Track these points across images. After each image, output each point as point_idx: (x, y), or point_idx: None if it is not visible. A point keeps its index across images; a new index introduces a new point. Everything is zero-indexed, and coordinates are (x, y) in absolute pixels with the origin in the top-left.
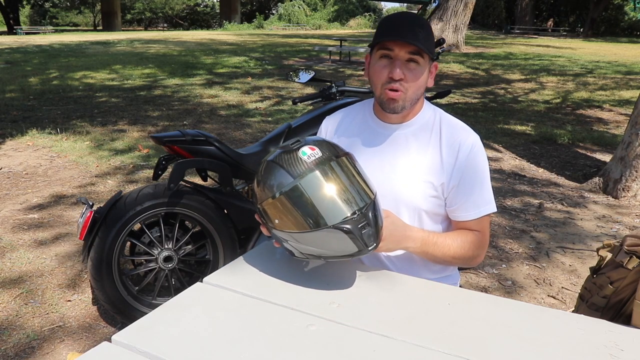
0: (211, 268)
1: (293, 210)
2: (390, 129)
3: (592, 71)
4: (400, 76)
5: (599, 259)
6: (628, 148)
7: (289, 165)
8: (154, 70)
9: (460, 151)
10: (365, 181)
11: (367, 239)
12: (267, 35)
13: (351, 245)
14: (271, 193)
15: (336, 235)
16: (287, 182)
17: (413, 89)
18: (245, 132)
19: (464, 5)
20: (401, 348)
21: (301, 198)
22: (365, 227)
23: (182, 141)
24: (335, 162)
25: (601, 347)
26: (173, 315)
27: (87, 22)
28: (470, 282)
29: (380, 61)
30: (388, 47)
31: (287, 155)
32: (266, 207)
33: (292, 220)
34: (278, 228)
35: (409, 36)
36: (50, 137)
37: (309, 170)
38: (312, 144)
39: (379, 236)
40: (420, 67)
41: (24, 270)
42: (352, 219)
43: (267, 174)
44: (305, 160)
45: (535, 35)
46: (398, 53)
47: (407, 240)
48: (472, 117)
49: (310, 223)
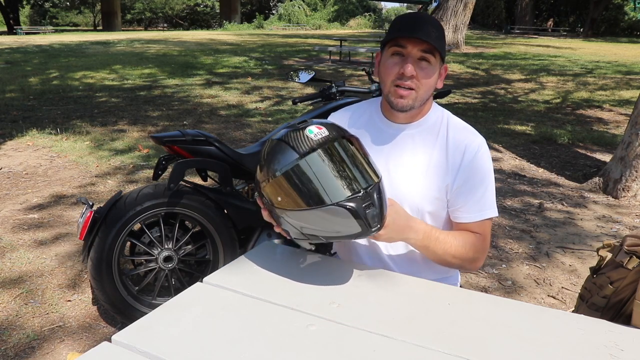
0: (211, 268)
1: (297, 188)
2: (397, 128)
3: (592, 71)
4: (412, 72)
5: (599, 259)
6: (628, 148)
7: (295, 143)
8: (154, 70)
9: (466, 153)
10: (371, 164)
11: (372, 220)
12: (267, 35)
13: (354, 225)
14: (276, 170)
15: (340, 214)
16: (292, 158)
17: (424, 88)
18: (245, 132)
19: (463, 5)
20: (401, 348)
21: (306, 175)
22: (369, 207)
23: (182, 141)
24: (341, 142)
25: (601, 347)
26: (173, 315)
27: (87, 22)
28: (470, 282)
29: (392, 58)
30: (401, 44)
31: (294, 133)
32: (270, 184)
33: (295, 198)
34: (280, 206)
35: (422, 34)
36: (50, 137)
37: (315, 148)
38: (319, 124)
39: (383, 219)
40: (431, 66)
41: (24, 270)
42: (356, 197)
43: (273, 151)
44: (312, 138)
45: (535, 35)
46: (411, 50)
47: (409, 230)
48: (472, 117)
49: (314, 200)
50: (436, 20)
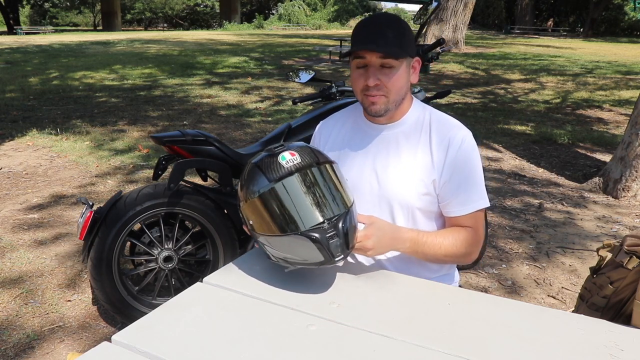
0: (211, 268)
1: (265, 214)
2: (380, 129)
3: (592, 71)
4: (375, 82)
5: (599, 259)
6: (628, 148)
7: (267, 169)
8: (154, 70)
9: (450, 147)
10: (343, 190)
11: (334, 250)
12: (267, 35)
13: (317, 254)
14: (248, 195)
15: (304, 242)
16: (262, 185)
17: (394, 90)
18: (245, 132)
19: (463, 5)
20: (401, 348)
21: (274, 202)
22: (333, 238)
23: (182, 141)
24: (313, 169)
25: (601, 347)
26: (173, 315)
27: (87, 22)
28: (470, 282)
29: (357, 70)
30: (360, 55)
31: (269, 158)
32: (244, 208)
33: (265, 224)
34: (254, 230)
35: (378, 42)
36: (50, 137)
37: (285, 176)
38: (294, 149)
39: (349, 247)
40: (395, 69)
41: (24, 270)
42: (320, 228)
43: (247, 175)
44: (283, 165)
45: (535, 35)
46: (370, 60)
47: (396, 242)
48: (472, 117)
49: (280, 228)
50: (394, 19)
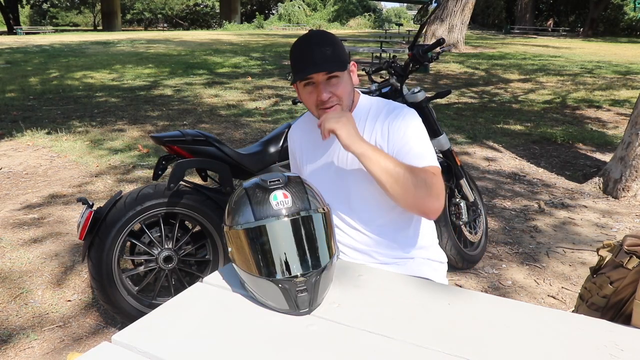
0: (211, 268)
1: (246, 249)
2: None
3: (591, 71)
4: (328, 96)
5: (599, 259)
6: (628, 148)
7: (256, 204)
8: (154, 70)
9: (389, 119)
10: (329, 240)
11: (301, 304)
12: (267, 35)
13: (283, 303)
14: (233, 223)
15: (272, 287)
16: (247, 219)
17: (345, 96)
18: (245, 132)
19: (463, 5)
20: (401, 348)
21: (255, 240)
22: (303, 292)
23: (182, 141)
24: (302, 217)
25: (601, 347)
26: (173, 315)
27: (87, 22)
28: (470, 282)
29: (306, 88)
30: (306, 78)
31: (261, 192)
32: (227, 231)
33: (243, 259)
34: (233, 258)
35: (320, 63)
36: (50, 137)
37: (271, 217)
38: (288, 190)
39: (315, 304)
40: (340, 78)
41: (23, 270)
42: (291, 281)
43: (236, 202)
44: (272, 206)
45: (535, 35)
46: (317, 78)
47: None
48: (472, 117)
49: (257, 268)
50: (325, 35)
